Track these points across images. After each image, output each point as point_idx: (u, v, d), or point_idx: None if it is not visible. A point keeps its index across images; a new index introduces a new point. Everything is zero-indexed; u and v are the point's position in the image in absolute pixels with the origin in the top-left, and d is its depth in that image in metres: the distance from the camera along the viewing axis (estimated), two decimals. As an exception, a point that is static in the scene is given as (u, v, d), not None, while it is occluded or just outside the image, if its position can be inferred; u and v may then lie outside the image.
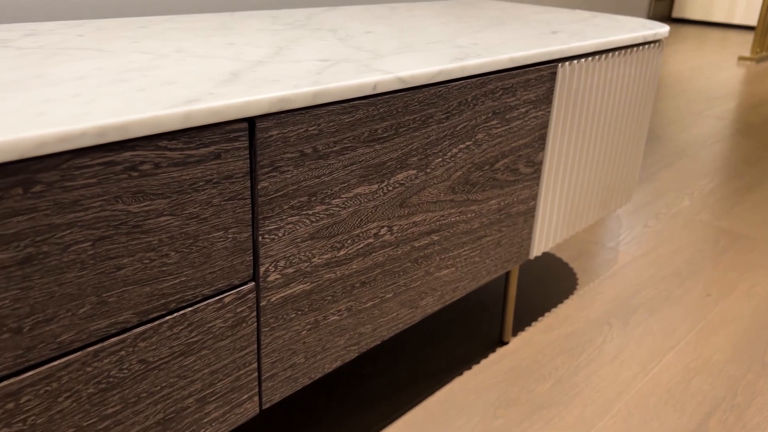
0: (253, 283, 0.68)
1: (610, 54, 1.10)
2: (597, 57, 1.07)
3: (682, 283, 1.53)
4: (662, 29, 1.21)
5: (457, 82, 0.83)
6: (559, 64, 1.00)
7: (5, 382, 0.52)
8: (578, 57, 1.03)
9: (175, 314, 0.62)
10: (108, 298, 0.57)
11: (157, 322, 0.61)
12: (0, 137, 0.46)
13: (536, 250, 1.14)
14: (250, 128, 0.63)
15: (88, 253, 0.54)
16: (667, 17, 6.34)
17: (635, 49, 1.16)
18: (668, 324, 1.37)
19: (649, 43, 1.20)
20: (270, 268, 0.69)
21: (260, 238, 0.67)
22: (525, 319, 1.37)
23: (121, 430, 0.61)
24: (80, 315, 0.55)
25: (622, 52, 1.13)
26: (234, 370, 0.70)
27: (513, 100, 0.94)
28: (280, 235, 0.69)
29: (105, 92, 0.58)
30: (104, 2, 1.08)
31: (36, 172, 0.49)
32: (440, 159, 0.85)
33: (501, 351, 1.26)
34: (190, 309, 0.63)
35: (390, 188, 0.80)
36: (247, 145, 0.63)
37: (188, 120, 0.56)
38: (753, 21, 5.92)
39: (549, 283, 1.51)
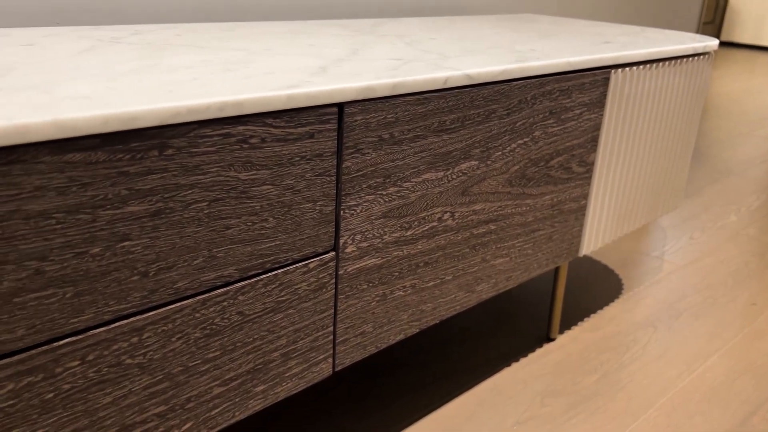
0: (333, 253, 0.77)
1: (661, 63, 1.16)
2: (648, 65, 1.13)
3: (727, 292, 1.55)
4: (712, 42, 1.26)
5: (518, 82, 0.90)
6: (613, 71, 1.06)
7: (132, 319, 0.61)
8: (631, 64, 1.10)
9: (269, 274, 0.71)
10: (217, 254, 0.65)
11: (254, 279, 0.69)
12: (143, 106, 0.55)
13: (585, 248, 1.19)
14: (339, 113, 0.71)
15: (204, 212, 0.63)
16: (715, 41, 6.30)
17: (685, 60, 1.22)
18: (713, 329, 1.40)
19: (698, 54, 1.25)
20: (348, 240, 0.77)
21: (342, 213, 0.75)
22: (571, 318, 1.42)
23: (218, 374, 0.69)
24: (194, 266, 0.64)
25: (673, 62, 1.19)
26: (314, 331, 0.78)
27: (568, 102, 1.00)
28: (358, 211, 0.77)
29: (216, 78, 0.68)
30: (190, 7, 1.19)
31: (169, 137, 0.58)
32: (500, 152, 0.93)
33: (547, 347, 1.31)
34: (281, 270, 0.72)
35: (454, 176, 0.87)
36: (336, 128, 0.71)
37: (291, 101, 0.65)
38: (804, 45, 5.85)
39: (595, 287, 1.55)
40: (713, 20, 6.14)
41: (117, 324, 0.60)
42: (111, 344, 0.60)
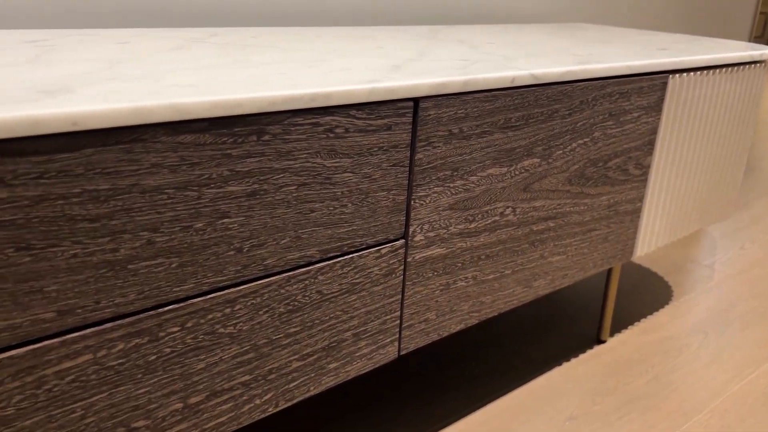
0: (403, 240, 0.81)
1: (718, 70, 1.17)
2: (705, 72, 1.15)
3: (780, 302, 1.55)
4: (767, 51, 1.27)
5: (580, 83, 0.94)
6: (670, 76, 1.08)
7: (226, 291, 0.66)
8: (687, 70, 1.12)
9: (346, 256, 0.75)
10: (302, 235, 0.70)
11: (333, 261, 0.74)
12: (245, 94, 0.61)
13: (639, 250, 1.21)
14: (415, 107, 0.76)
15: (293, 195, 0.68)
16: (763, 55, 6.19)
17: (741, 67, 1.23)
18: (764, 337, 1.39)
19: (754, 62, 1.26)
20: (417, 229, 0.82)
21: (412, 202, 0.80)
22: (621, 322, 1.43)
23: (297, 348, 0.74)
24: (282, 245, 0.69)
25: (729, 69, 1.20)
26: (383, 314, 0.82)
27: (627, 105, 1.03)
28: (427, 202, 0.81)
29: (301, 73, 0.73)
30: (256, 12, 1.25)
31: (266, 124, 0.64)
32: (561, 151, 0.96)
33: (598, 348, 1.33)
34: (357, 254, 0.76)
35: (517, 173, 0.91)
36: (411, 121, 0.76)
37: (372, 95, 0.70)
38: None
39: (645, 293, 1.56)
40: (762, 35, 6.04)
41: (213, 295, 0.65)
42: (207, 313, 0.65)
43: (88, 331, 0.57)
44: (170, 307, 0.62)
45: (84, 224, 0.54)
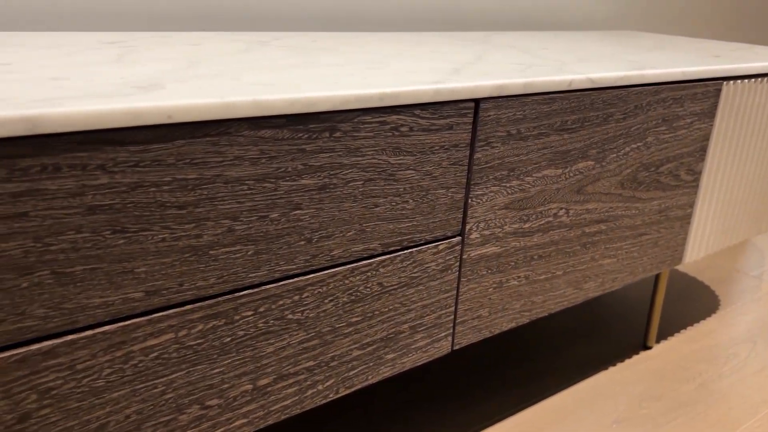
0: (459, 238, 0.83)
1: (773, 77, 1.17)
2: (760, 79, 1.15)
3: (832, 314, 1.52)
4: (825, 58, 1.26)
5: (635, 88, 0.95)
6: (724, 82, 1.09)
7: (296, 279, 0.69)
8: (742, 77, 1.12)
9: (405, 251, 0.78)
10: (366, 228, 0.73)
11: (393, 254, 0.77)
12: (321, 93, 0.64)
13: (689, 256, 1.21)
14: (476, 108, 0.78)
15: (359, 190, 0.71)
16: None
17: (797, 74, 1.22)
18: (817, 348, 1.37)
19: (810, 70, 1.25)
20: (473, 227, 0.84)
21: (469, 201, 0.82)
22: (668, 329, 1.42)
23: (358, 338, 0.77)
24: (347, 237, 0.72)
25: (784, 76, 1.20)
26: (438, 309, 0.84)
27: (681, 110, 1.04)
28: (484, 200, 0.84)
29: (368, 74, 0.76)
30: (307, 16, 1.30)
31: (338, 122, 0.67)
32: (614, 155, 0.97)
33: (644, 354, 1.33)
34: (416, 249, 0.79)
35: (571, 174, 0.93)
36: (472, 121, 0.78)
37: (437, 95, 0.73)
38: None
39: (692, 302, 1.55)
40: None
41: (284, 282, 0.68)
42: (278, 300, 0.68)
43: (171, 311, 0.61)
44: (245, 292, 0.66)
45: (172, 211, 0.58)
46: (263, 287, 0.67)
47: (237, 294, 0.65)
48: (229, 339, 0.66)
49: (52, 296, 0.54)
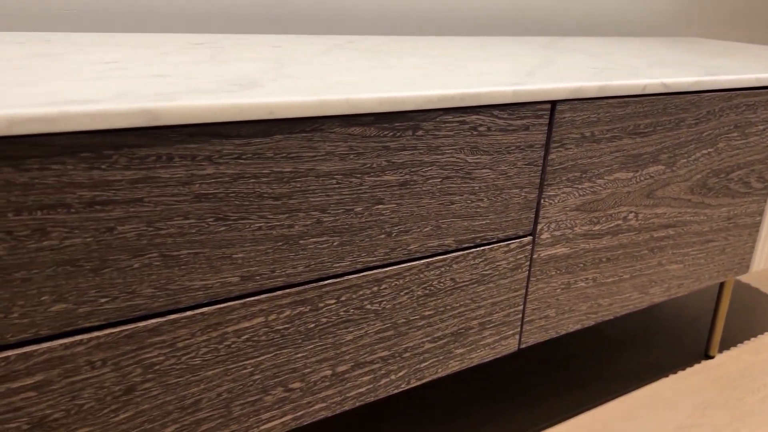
0: (531, 237, 0.85)
1: None
2: (836, 86, 1.12)
3: None
4: None
5: (708, 93, 0.95)
6: (799, 89, 1.07)
7: (375, 271, 0.72)
8: (818, 84, 1.10)
9: (478, 248, 0.80)
10: (442, 224, 0.76)
11: (466, 251, 0.79)
12: (406, 92, 0.67)
13: (756, 265, 1.19)
14: (552, 109, 0.80)
15: (437, 187, 0.74)
16: None
17: None
18: None
19: None
20: (544, 227, 0.86)
21: (542, 201, 0.84)
22: (731, 339, 1.40)
23: (430, 331, 0.80)
24: (424, 233, 0.75)
25: None
26: (507, 307, 0.86)
27: (753, 117, 1.03)
28: (556, 201, 0.85)
29: (446, 76, 0.79)
30: (370, 21, 1.33)
31: (421, 120, 0.70)
32: (685, 160, 0.97)
33: (706, 363, 1.31)
34: (488, 247, 0.81)
35: (642, 178, 0.93)
36: (547, 123, 0.80)
37: (516, 96, 0.75)
38: None
39: (756, 313, 1.52)
40: None
41: (364, 273, 0.71)
42: (358, 290, 0.71)
43: (263, 296, 0.65)
44: (330, 281, 0.69)
45: (269, 201, 0.62)
46: (346, 277, 0.70)
47: (322, 283, 0.68)
48: (313, 325, 0.69)
49: (159, 277, 0.58)
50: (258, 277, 0.64)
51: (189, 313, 0.61)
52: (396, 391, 0.79)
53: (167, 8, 1.03)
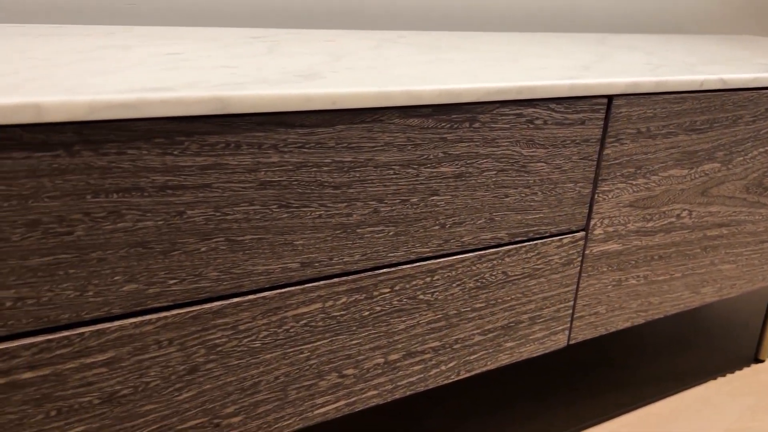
0: (583, 233, 0.85)
1: None
2: None
3: None
4: None
5: (766, 91, 0.93)
6: None
7: (429, 261, 0.73)
8: None
9: (530, 242, 0.80)
10: (495, 217, 0.76)
11: (519, 245, 0.79)
12: (465, 85, 0.67)
13: (812, 267, 1.16)
14: (608, 104, 0.80)
15: (492, 179, 0.74)
16: None
17: None
18: None
19: None
20: (597, 223, 0.85)
21: (596, 196, 0.83)
22: (782, 343, 1.37)
23: (480, 323, 0.80)
24: (477, 225, 0.75)
25: None
26: (557, 302, 0.86)
27: (814, 115, 1.01)
28: (609, 197, 0.85)
29: (501, 69, 0.79)
30: (413, 17, 1.34)
31: (478, 113, 0.70)
32: (741, 158, 0.95)
33: (756, 367, 1.29)
34: (540, 241, 0.81)
35: (696, 176, 0.92)
36: (603, 117, 0.80)
37: (572, 90, 0.75)
38: None
39: (807, 317, 1.48)
40: None
41: (418, 264, 0.72)
42: (411, 280, 0.72)
43: (321, 283, 0.66)
44: (384, 270, 0.70)
45: (329, 190, 0.63)
46: (400, 267, 0.71)
47: (377, 271, 0.70)
48: (367, 313, 0.71)
49: (224, 261, 0.60)
50: (317, 264, 0.65)
51: (251, 296, 0.63)
52: (445, 382, 0.80)
53: (221, 4, 1.05)
